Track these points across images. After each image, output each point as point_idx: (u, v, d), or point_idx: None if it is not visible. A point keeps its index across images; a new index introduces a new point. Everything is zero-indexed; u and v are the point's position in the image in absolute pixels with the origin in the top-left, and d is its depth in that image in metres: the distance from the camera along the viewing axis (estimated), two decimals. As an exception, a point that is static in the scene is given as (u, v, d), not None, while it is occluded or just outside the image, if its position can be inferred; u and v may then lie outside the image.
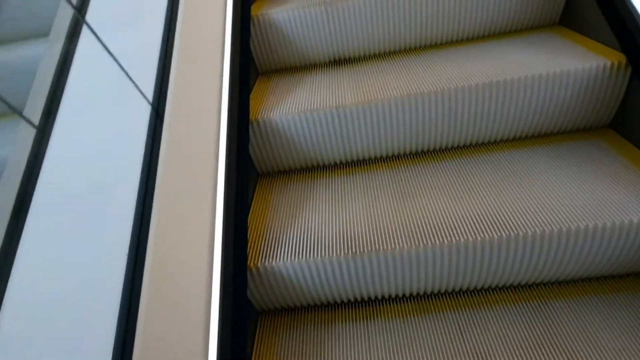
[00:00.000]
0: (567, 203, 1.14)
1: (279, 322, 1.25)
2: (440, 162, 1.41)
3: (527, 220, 1.10)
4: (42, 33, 0.82)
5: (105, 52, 0.82)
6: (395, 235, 1.15)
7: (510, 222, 1.11)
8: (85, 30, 0.84)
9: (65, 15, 0.82)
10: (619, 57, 1.26)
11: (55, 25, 0.81)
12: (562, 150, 1.34)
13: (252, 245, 1.20)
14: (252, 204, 1.37)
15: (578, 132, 1.41)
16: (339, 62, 1.71)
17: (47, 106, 0.73)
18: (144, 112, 0.97)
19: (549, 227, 1.07)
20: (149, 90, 1.01)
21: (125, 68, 0.91)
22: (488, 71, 1.35)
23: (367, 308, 1.24)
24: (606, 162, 1.25)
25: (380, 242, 1.13)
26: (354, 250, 1.13)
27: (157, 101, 1.00)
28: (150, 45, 1.10)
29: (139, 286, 0.80)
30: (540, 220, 1.10)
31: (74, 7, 0.80)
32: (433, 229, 1.14)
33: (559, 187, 1.20)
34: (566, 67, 1.27)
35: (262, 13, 1.59)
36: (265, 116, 1.38)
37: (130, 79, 0.84)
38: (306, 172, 1.50)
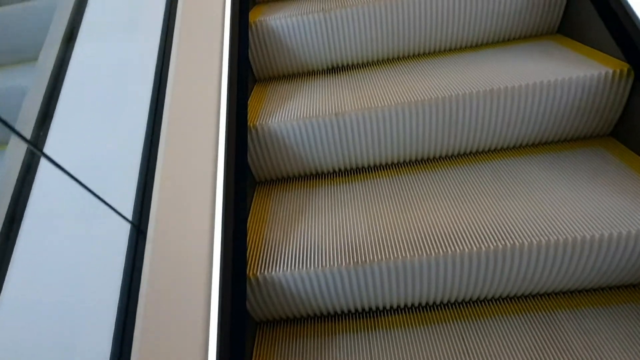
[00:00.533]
0: (570, 212, 1.13)
1: (278, 333, 1.22)
2: (440, 171, 1.39)
3: (529, 230, 1.09)
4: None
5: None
6: (396, 244, 1.13)
7: (512, 231, 1.10)
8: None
9: (19, 145, 0.76)
10: (621, 65, 1.26)
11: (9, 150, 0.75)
12: (564, 158, 1.33)
13: (250, 255, 1.18)
14: (250, 212, 1.35)
15: (579, 140, 1.40)
16: (337, 69, 1.70)
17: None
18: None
19: (553, 236, 1.06)
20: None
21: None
22: (488, 79, 1.35)
23: (369, 319, 1.22)
24: (608, 170, 1.25)
25: (382, 252, 1.11)
26: (355, 260, 1.11)
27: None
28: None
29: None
30: (542, 230, 1.08)
31: (29, 142, 0.74)
32: (434, 239, 1.12)
33: (561, 196, 1.19)
34: (567, 75, 1.27)
35: (260, 19, 1.58)
36: (262, 123, 1.36)
37: (107, 204, 0.78)
38: (305, 180, 1.48)
